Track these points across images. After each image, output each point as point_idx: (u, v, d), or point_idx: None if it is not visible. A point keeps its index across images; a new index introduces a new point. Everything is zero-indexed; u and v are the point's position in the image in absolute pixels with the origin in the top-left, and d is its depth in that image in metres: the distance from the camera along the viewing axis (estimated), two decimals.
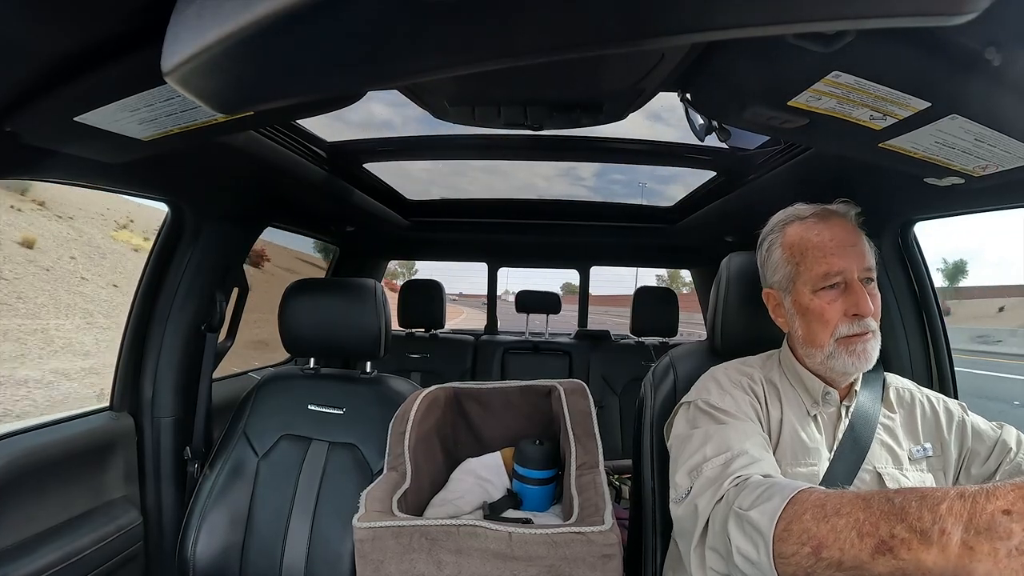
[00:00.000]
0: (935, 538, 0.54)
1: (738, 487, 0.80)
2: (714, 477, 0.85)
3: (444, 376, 3.01)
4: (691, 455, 0.93)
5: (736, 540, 0.73)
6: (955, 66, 0.71)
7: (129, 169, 1.14)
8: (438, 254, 3.86)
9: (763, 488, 0.75)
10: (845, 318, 1.00)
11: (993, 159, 0.91)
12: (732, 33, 0.50)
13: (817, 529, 0.64)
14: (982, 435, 1.05)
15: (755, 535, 0.70)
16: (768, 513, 0.70)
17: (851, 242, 1.02)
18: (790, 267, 1.07)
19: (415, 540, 1.03)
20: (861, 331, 0.99)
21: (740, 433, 0.93)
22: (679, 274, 34.48)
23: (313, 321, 1.60)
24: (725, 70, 0.92)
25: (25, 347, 8.42)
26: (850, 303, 0.99)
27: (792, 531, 0.66)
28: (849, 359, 1.00)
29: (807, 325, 1.05)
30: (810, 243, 1.04)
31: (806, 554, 0.64)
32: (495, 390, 1.54)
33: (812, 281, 1.02)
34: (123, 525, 1.49)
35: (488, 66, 0.53)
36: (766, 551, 0.68)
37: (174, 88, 0.57)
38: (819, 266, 1.02)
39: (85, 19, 0.69)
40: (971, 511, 0.54)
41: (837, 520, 0.62)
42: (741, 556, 0.72)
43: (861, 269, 1.00)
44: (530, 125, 1.28)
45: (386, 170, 2.24)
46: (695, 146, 1.77)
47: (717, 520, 0.79)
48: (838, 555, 0.61)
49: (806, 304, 1.04)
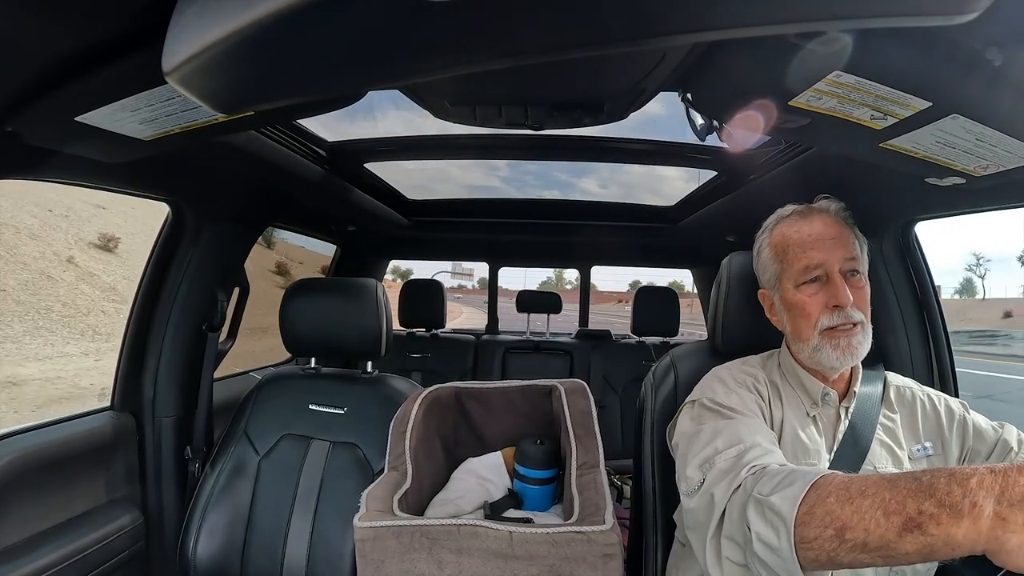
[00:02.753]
0: (966, 511, 0.55)
1: (756, 475, 0.79)
2: (728, 468, 0.85)
3: (445, 376, 3.01)
4: (702, 448, 0.93)
5: (756, 526, 0.72)
6: (956, 66, 0.71)
7: (130, 169, 1.14)
8: (439, 253, 3.86)
9: (783, 475, 0.75)
10: (827, 310, 1.01)
11: (994, 159, 0.91)
12: (733, 33, 0.50)
13: (841, 511, 0.63)
14: (983, 434, 1.05)
15: (776, 520, 0.69)
16: (789, 498, 0.69)
17: (830, 235, 1.04)
18: (776, 265, 1.10)
19: (416, 540, 1.03)
20: (843, 322, 1.00)
21: (749, 427, 0.94)
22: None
23: (314, 321, 1.60)
24: (726, 70, 0.91)
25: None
26: (830, 295, 1.01)
27: (815, 514, 0.66)
28: (833, 352, 1.01)
29: (793, 320, 1.07)
30: (791, 240, 1.07)
31: (829, 537, 0.64)
32: (496, 390, 1.54)
33: (794, 276, 1.05)
34: (124, 525, 1.49)
35: (489, 66, 0.54)
36: (787, 536, 0.67)
37: (175, 88, 0.57)
38: (799, 261, 1.04)
39: (86, 19, 0.69)
40: (1003, 484, 0.54)
41: (862, 501, 0.62)
42: (761, 543, 0.71)
43: (842, 260, 1.02)
44: (531, 125, 1.28)
45: (399, 169, 2.24)
46: (696, 146, 1.77)
47: (735, 509, 0.79)
48: (863, 536, 0.61)
49: (790, 299, 1.06)
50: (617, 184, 36.51)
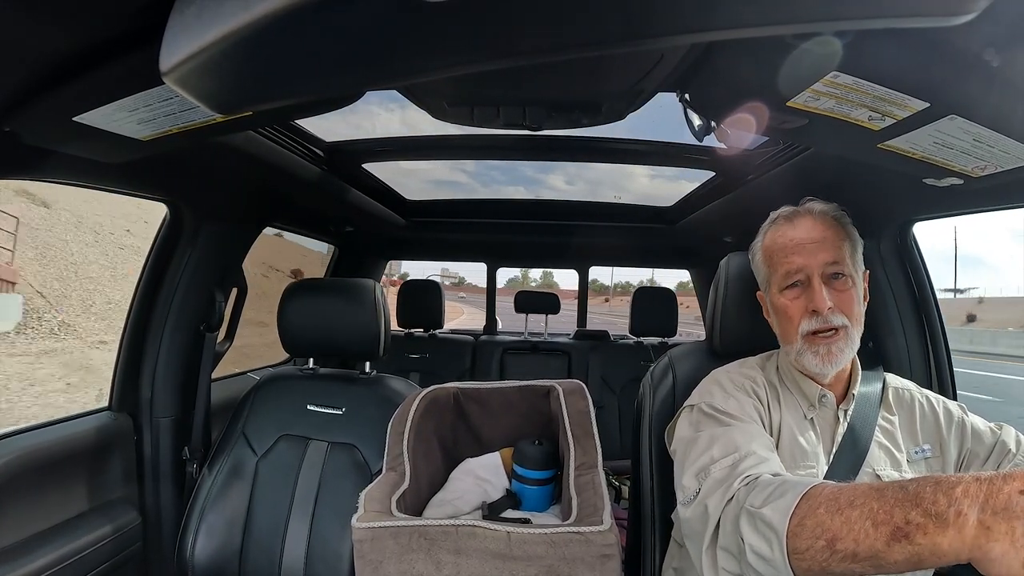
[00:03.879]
0: (951, 520, 0.54)
1: (748, 486, 0.80)
2: (723, 478, 0.85)
3: (443, 376, 3.01)
4: (698, 457, 0.93)
5: (749, 538, 0.72)
6: (954, 67, 0.71)
7: (128, 169, 1.13)
8: (437, 254, 3.85)
9: (774, 486, 0.75)
10: (807, 314, 1.02)
11: (992, 159, 0.91)
12: (731, 33, 0.50)
13: (831, 522, 0.64)
14: (981, 436, 1.05)
15: (768, 532, 0.70)
16: (781, 510, 0.69)
17: (813, 239, 1.04)
18: (765, 268, 1.11)
19: (414, 540, 1.03)
20: (822, 327, 1.01)
21: (746, 434, 0.94)
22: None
23: (312, 321, 1.59)
24: (724, 70, 0.92)
25: None
26: (809, 299, 1.02)
27: (806, 526, 0.66)
28: (814, 359, 1.02)
29: (780, 324, 1.09)
30: (776, 245, 1.09)
31: (820, 548, 0.64)
32: (494, 390, 1.54)
33: (779, 281, 1.07)
34: (122, 525, 1.49)
35: (487, 66, 0.54)
36: (780, 548, 0.67)
37: (172, 88, 0.57)
38: (782, 266, 1.06)
39: (84, 19, 0.69)
40: (987, 492, 0.54)
41: (851, 512, 0.62)
42: (755, 554, 0.71)
43: (822, 265, 1.02)
44: (529, 125, 1.28)
45: (401, 168, 2.25)
46: (694, 146, 1.77)
47: (728, 520, 0.79)
48: (852, 546, 0.61)
49: (776, 303, 1.08)
50: (584, 180, 36.43)
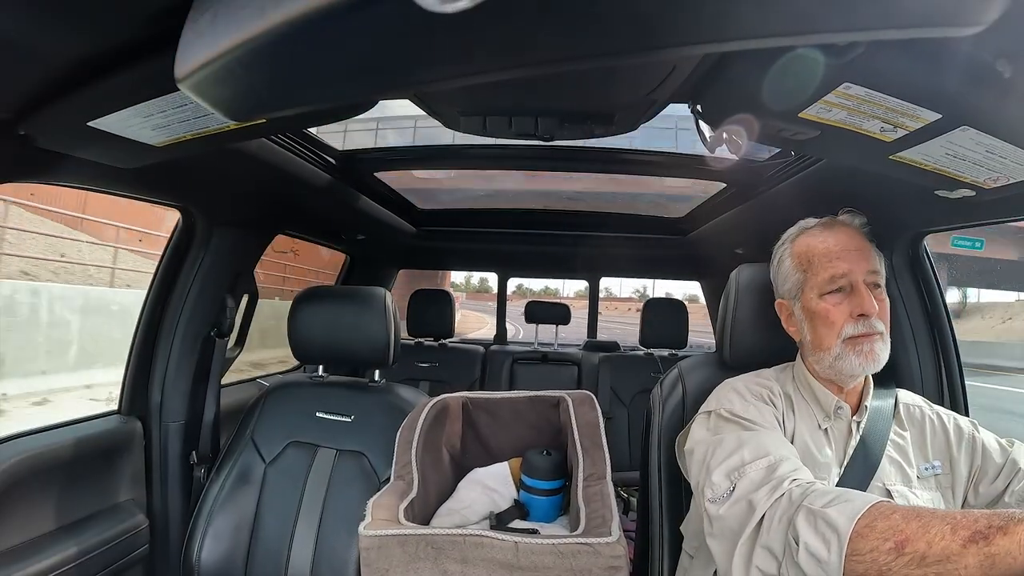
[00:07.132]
0: None
1: (802, 488, 0.80)
2: (761, 479, 0.85)
3: (453, 385, 3.00)
4: (726, 457, 0.93)
5: (806, 536, 0.73)
6: (966, 77, 0.71)
7: (142, 174, 1.15)
8: (449, 263, 3.86)
9: (837, 492, 0.76)
10: (851, 319, 1.01)
11: (1004, 171, 0.90)
12: (744, 44, 0.50)
13: (906, 525, 0.65)
14: (992, 453, 1.04)
15: (829, 532, 0.70)
16: (848, 513, 0.70)
17: (855, 247, 1.04)
18: (799, 274, 1.09)
19: (421, 549, 1.02)
20: (867, 331, 1.01)
21: (775, 441, 0.94)
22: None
23: (322, 329, 1.60)
24: (736, 81, 0.91)
25: None
26: (855, 304, 1.01)
27: (875, 527, 0.67)
28: (856, 359, 1.01)
29: (814, 329, 1.07)
30: (816, 250, 1.07)
31: (887, 549, 0.65)
32: (503, 400, 1.54)
33: (819, 286, 1.05)
34: (129, 528, 1.50)
35: (500, 76, 0.54)
36: (838, 548, 0.68)
37: (187, 95, 0.57)
38: (824, 271, 1.04)
39: (100, 25, 0.70)
40: None
41: (931, 518, 0.65)
42: (808, 553, 0.71)
43: (866, 272, 1.02)
44: (541, 136, 1.28)
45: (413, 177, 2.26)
46: (705, 157, 1.77)
47: (775, 516, 0.79)
48: (924, 548, 0.62)
49: (813, 308, 1.06)
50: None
